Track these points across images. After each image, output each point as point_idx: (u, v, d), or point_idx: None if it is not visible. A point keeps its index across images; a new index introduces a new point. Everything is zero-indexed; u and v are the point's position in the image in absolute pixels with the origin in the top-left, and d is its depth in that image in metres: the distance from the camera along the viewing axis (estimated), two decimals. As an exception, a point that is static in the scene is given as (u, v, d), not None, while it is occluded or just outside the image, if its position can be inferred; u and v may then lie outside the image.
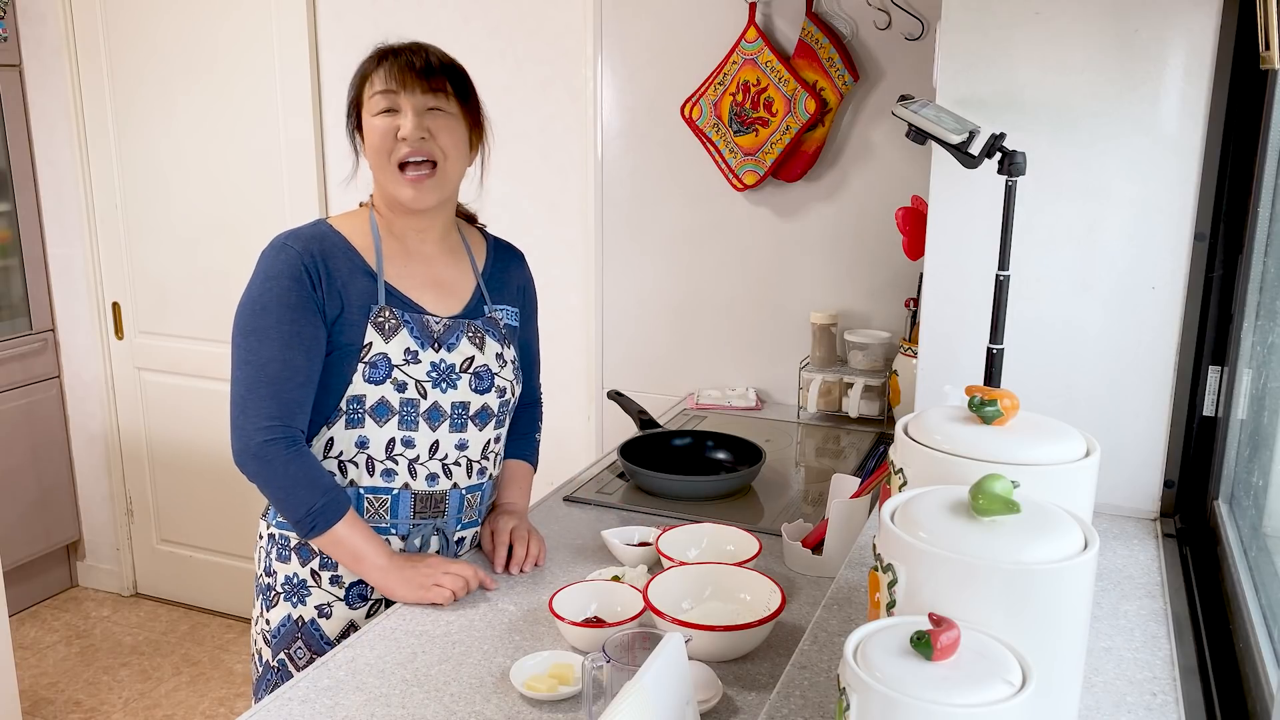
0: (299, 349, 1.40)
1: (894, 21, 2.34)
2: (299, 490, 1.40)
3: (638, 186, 2.66)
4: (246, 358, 1.40)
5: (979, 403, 0.94)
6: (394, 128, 1.43)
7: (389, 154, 1.44)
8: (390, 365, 1.44)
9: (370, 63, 1.48)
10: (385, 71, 1.45)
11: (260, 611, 1.54)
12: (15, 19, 3.31)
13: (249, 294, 1.42)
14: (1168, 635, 1.13)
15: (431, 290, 1.51)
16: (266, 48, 3.02)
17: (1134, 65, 1.38)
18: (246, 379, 1.40)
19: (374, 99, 1.45)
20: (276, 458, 1.39)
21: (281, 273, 1.40)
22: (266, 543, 1.53)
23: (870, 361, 2.35)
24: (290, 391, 1.40)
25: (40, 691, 3.08)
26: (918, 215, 2.07)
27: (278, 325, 1.39)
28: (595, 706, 1.10)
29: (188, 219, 3.27)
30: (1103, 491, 0.94)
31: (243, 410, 1.40)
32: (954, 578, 0.74)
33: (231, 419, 1.41)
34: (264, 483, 1.41)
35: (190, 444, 3.45)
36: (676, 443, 2.09)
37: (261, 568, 1.54)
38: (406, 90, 1.43)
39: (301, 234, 1.45)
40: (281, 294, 1.40)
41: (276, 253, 1.42)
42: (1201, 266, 1.42)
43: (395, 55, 1.46)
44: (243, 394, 1.40)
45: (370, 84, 1.46)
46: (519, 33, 2.70)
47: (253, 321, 1.41)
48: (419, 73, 1.44)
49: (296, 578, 1.49)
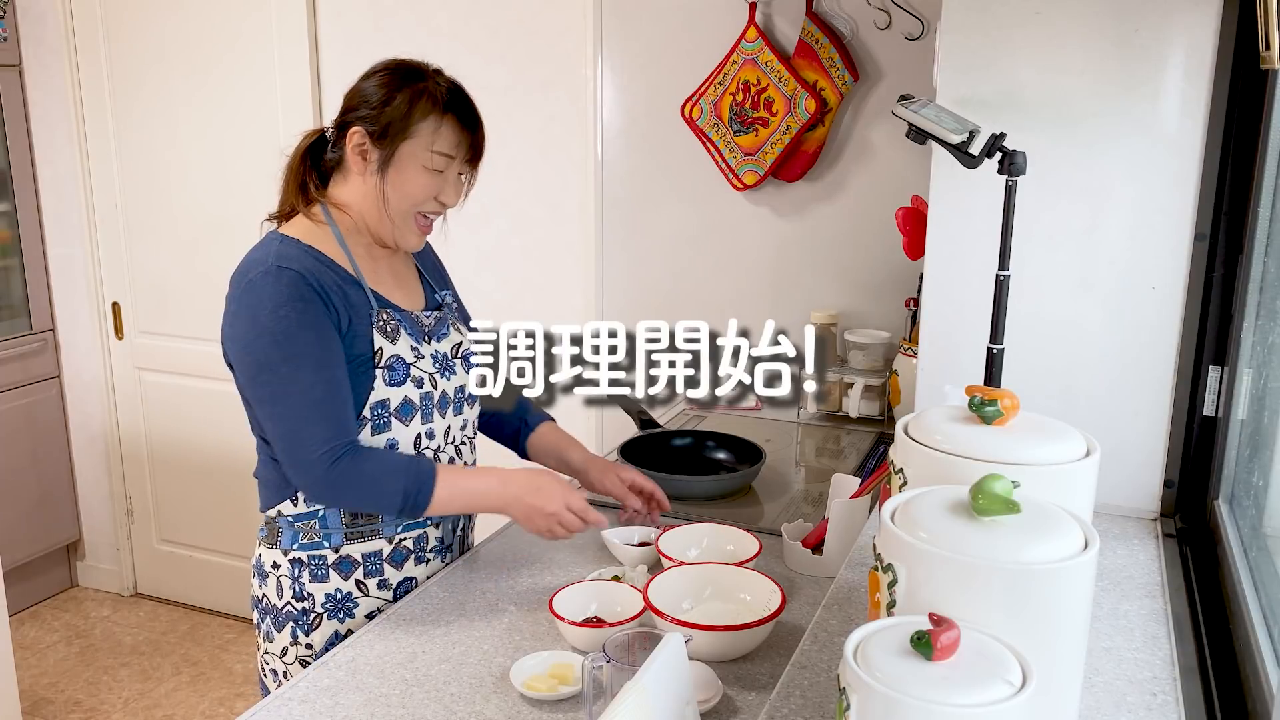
0: (334, 365, 1.38)
1: (894, 21, 2.34)
2: (384, 485, 1.38)
3: (638, 186, 2.66)
4: (284, 389, 1.36)
5: (979, 403, 0.94)
6: (437, 188, 1.45)
7: (419, 204, 1.45)
8: (405, 365, 1.45)
9: (435, 106, 1.42)
10: (456, 138, 1.44)
11: (292, 640, 1.48)
12: (15, 19, 3.31)
13: (259, 326, 1.36)
14: (1168, 635, 1.13)
15: (399, 290, 1.52)
16: (266, 47, 3.02)
17: (1134, 65, 1.38)
18: (292, 411, 1.36)
19: (433, 155, 1.42)
20: (347, 473, 1.36)
21: (291, 297, 1.35)
22: (290, 569, 1.47)
23: (870, 361, 2.35)
24: (338, 408, 1.37)
25: (40, 691, 3.08)
26: (918, 215, 2.07)
27: (307, 348, 1.35)
28: (595, 706, 1.10)
29: (188, 219, 3.27)
30: (1103, 491, 0.94)
31: (298, 443, 1.36)
32: (954, 578, 0.74)
33: (286, 455, 1.37)
34: (347, 501, 1.41)
35: (190, 444, 3.44)
36: (676, 443, 2.09)
37: (289, 595, 1.47)
38: (460, 159, 1.46)
39: (286, 255, 1.39)
40: (299, 317, 1.35)
41: (275, 279, 1.36)
42: (1201, 266, 1.42)
43: (472, 129, 1.46)
44: (293, 428, 1.36)
45: (435, 135, 1.42)
46: (519, 33, 2.69)
47: (279, 351, 1.35)
48: (478, 152, 1.47)
49: (340, 593, 1.47)
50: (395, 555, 1.50)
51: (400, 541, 1.50)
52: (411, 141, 1.42)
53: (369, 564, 1.47)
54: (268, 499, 1.49)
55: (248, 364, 1.39)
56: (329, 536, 1.46)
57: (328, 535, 1.46)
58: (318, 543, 1.46)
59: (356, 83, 1.48)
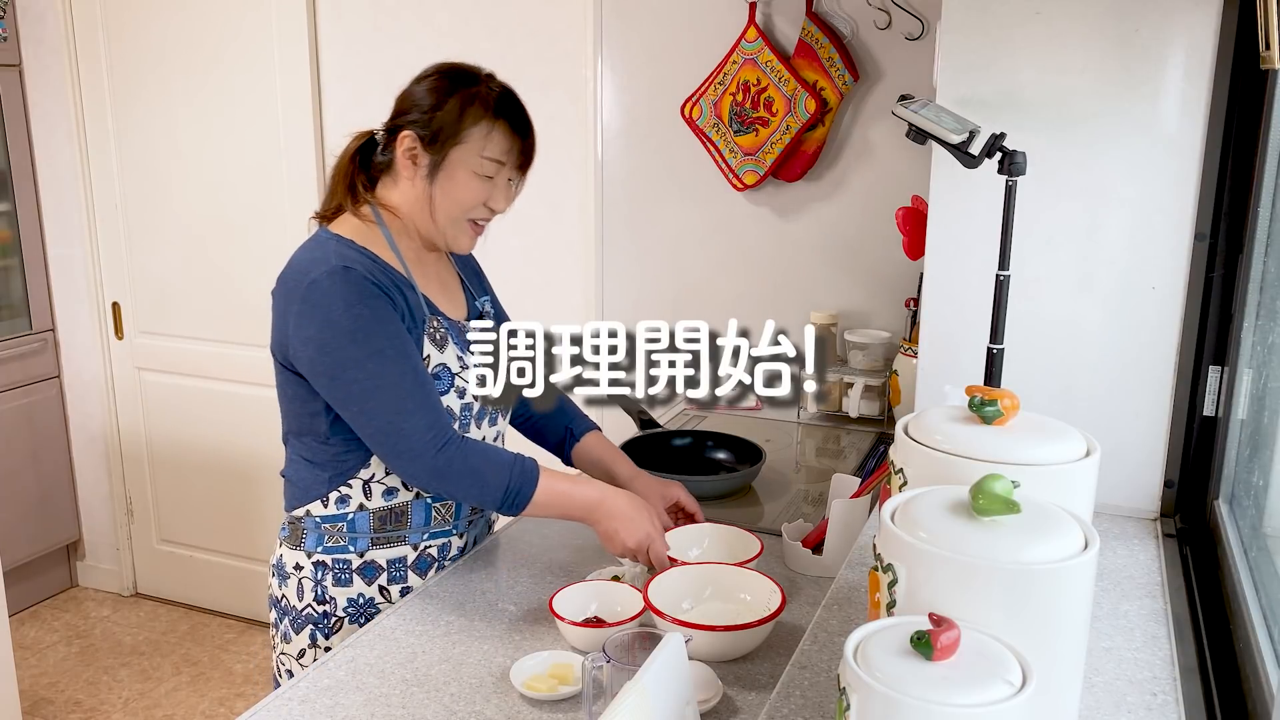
0: (416, 357, 1.38)
1: (894, 21, 2.34)
2: (489, 479, 1.38)
3: (638, 186, 2.66)
4: (374, 385, 1.35)
5: (979, 403, 0.94)
6: (487, 194, 1.44)
7: (469, 211, 1.45)
8: (451, 374, 1.45)
9: (487, 112, 1.42)
10: (507, 144, 1.43)
11: (311, 643, 1.48)
12: (15, 19, 3.31)
13: (335, 326, 1.34)
14: (1168, 635, 1.13)
15: (444, 296, 1.52)
16: (266, 47, 3.02)
17: (1134, 65, 1.38)
18: (387, 406, 1.35)
19: (483, 161, 1.42)
20: (454, 461, 1.36)
21: (362, 295, 1.35)
22: (313, 572, 1.47)
23: (870, 361, 2.35)
24: (431, 397, 1.38)
25: (40, 691, 3.08)
26: (918, 215, 2.07)
27: (389, 342, 1.35)
28: (595, 706, 1.10)
29: (188, 219, 3.27)
30: (1103, 491, 0.94)
31: (400, 436, 1.35)
32: (954, 578, 0.74)
33: (388, 449, 1.37)
34: (451, 488, 1.41)
35: (190, 444, 3.45)
36: (676, 443, 2.09)
37: (310, 598, 1.47)
38: (511, 165, 1.45)
39: (347, 255, 1.38)
40: (374, 314, 1.35)
41: (343, 279, 1.35)
42: (1201, 266, 1.42)
43: (523, 135, 1.45)
44: (391, 421, 1.35)
45: (486, 141, 1.42)
46: (519, 33, 2.69)
47: (362, 349, 1.34)
48: (528, 158, 1.47)
49: (363, 598, 1.47)
50: (420, 563, 1.50)
51: (425, 549, 1.50)
52: (462, 147, 1.41)
53: (393, 570, 1.48)
54: (296, 499, 1.48)
55: (327, 365, 1.37)
56: (355, 541, 1.46)
57: (354, 540, 1.46)
58: (342, 546, 1.46)
59: (408, 86, 1.47)
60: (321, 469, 1.46)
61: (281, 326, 1.40)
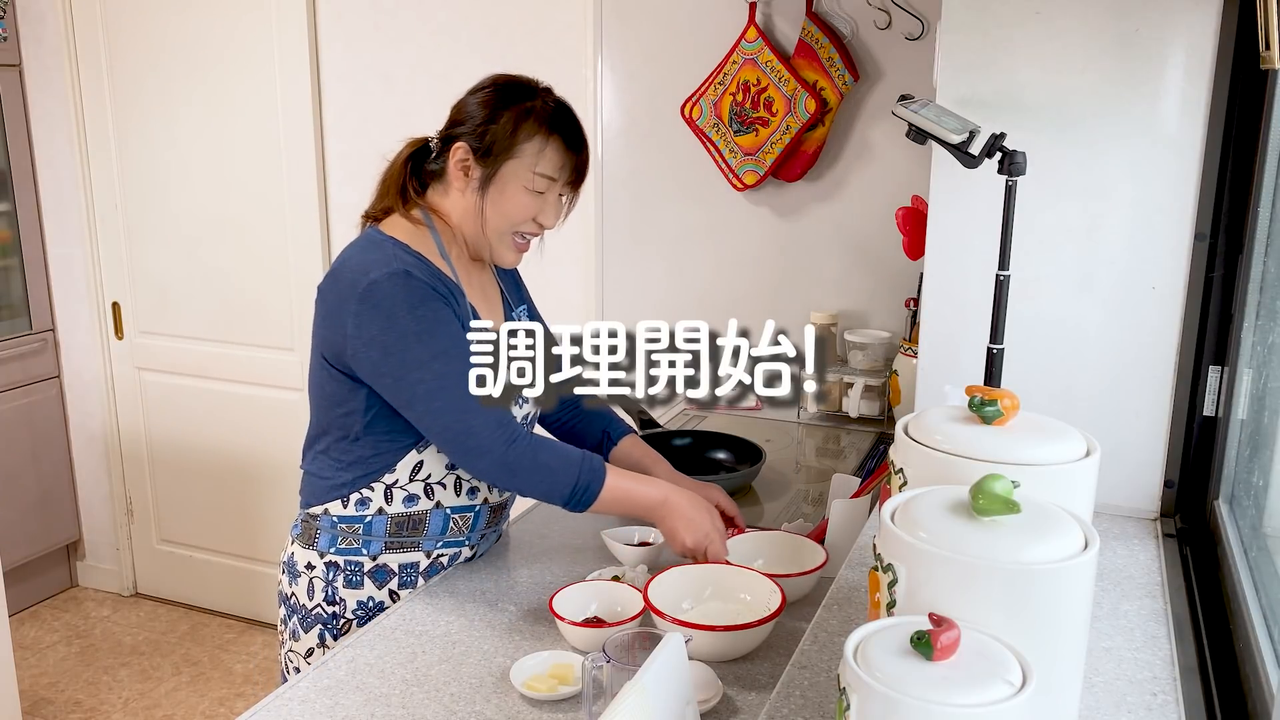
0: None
1: (894, 21, 2.34)
2: (559, 475, 1.39)
3: (638, 186, 2.66)
4: (440, 385, 1.35)
5: (979, 403, 0.94)
6: (537, 209, 1.44)
7: (517, 225, 1.45)
8: None
9: (541, 127, 1.42)
10: (560, 160, 1.43)
11: (319, 643, 1.48)
12: (15, 19, 3.31)
13: (399, 328, 1.34)
14: (1168, 635, 1.13)
15: (485, 305, 1.52)
16: (266, 48, 3.02)
17: (1134, 65, 1.38)
18: (454, 404, 1.35)
19: (535, 177, 1.42)
20: (524, 457, 1.37)
21: (424, 297, 1.36)
22: (325, 572, 1.47)
23: (870, 361, 2.35)
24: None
25: (40, 691, 3.08)
26: (918, 215, 2.07)
27: (453, 341, 1.35)
28: (595, 706, 1.10)
29: (188, 219, 3.27)
30: (1103, 491, 0.94)
31: (469, 433, 1.36)
32: (954, 578, 0.74)
33: (456, 446, 1.38)
34: (520, 483, 1.41)
35: (190, 444, 3.44)
36: (676, 443, 2.08)
37: (320, 598, 1.47)
38: (563, 182, 1.45)
39: (404, 259, 1.38)
40: (436, 314, 1.36)
41: (403, 283, 1.35)
42: (1201, 266, 1.42)
43: (577, 151, 1.45)
44: (459, 418, 1.35)
45: (539, 157, 1.42)
46: (519, 33, 2.69)
47: (428, 349, 1.35)
48: (581, 174, 1.47)
49: (373, 601, 1.47)
50: (431, 569, 1.50)
51: (438, 557, 1.50)
52: (515, 161, 1.41)
53: (404, 575, 1.48)
54: (316, 496, 1.48)
55: (392, 366, 1.37)
56: (369, 544, 1.46)
57: (368, 543, 1.46)
58: (355, 549, 1.46)
59: (464, 96, 1.47)
60: (346, 469, 1.45)
61: (335, 325, 1.39)
